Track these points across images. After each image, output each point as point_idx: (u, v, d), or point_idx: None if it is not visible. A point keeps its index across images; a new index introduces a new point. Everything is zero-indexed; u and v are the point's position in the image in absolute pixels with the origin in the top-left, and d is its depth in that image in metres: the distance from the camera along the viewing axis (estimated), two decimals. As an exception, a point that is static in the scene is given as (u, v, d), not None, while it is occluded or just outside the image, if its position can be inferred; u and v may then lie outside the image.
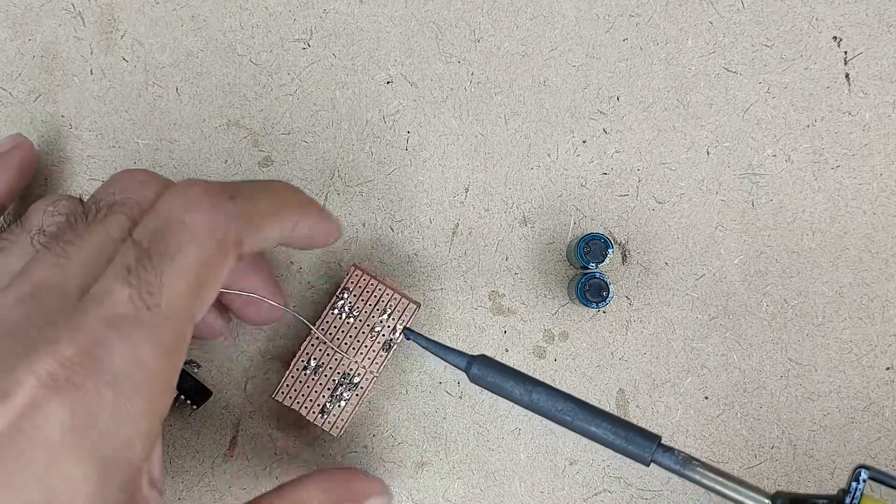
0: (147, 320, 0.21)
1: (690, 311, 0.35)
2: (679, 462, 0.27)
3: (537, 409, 0.28)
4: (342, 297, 0.33)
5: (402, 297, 0.33)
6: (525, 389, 0.28)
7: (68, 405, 0.20)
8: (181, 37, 0.36)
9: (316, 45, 0.36)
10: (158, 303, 0.22)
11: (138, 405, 0.21)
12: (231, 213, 0.24)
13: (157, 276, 0.22)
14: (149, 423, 0.22)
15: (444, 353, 0.30)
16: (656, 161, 0.36)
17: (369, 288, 0.33)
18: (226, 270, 0.24)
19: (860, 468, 0.26)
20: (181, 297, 0.22)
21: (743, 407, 0.35)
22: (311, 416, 0.32)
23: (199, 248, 0.23)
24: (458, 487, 0.35)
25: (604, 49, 0.36)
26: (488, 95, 0.36)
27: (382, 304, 0.33)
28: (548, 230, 0.36)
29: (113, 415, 0.21)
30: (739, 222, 0.36)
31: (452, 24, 0.36)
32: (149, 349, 0.21)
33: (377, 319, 0.33)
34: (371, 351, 0.33)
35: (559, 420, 0.28)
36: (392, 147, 0.36)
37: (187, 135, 0.36)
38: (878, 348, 0.35)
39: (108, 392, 0.20)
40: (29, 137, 0.34)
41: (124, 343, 0.21)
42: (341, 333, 0.33)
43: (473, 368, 0.29)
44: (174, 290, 0.22)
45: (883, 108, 0.36)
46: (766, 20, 0.36)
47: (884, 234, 0.36)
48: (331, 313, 0.33)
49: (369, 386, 0.33)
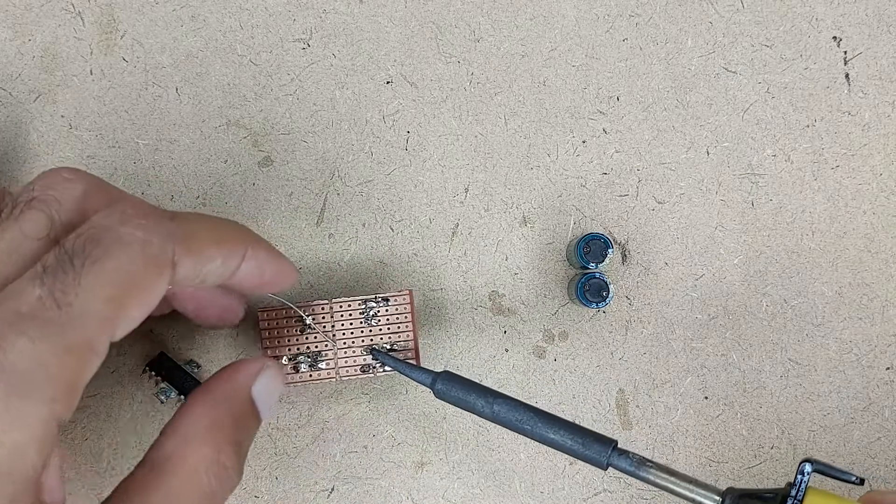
0: (54, 319, 0.20)
1: (690, 311, 0.35)
2: (634, 464, 0.28)
3: (499, 421, 0.29)
4: (377, 301, 0.33)
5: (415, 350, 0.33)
6: (486, 402, 0.29)
7: None
8: (181, 37, 0.36)
9: (316, 45, 0.36)
10: (70, 303, 0.20)
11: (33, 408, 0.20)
12: (169, 232, 0.23)
13: (74, 277, 0.21)
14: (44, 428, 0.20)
15: (409, 370, 0.31)
16: (656, 161, 0.36)
17: (402, 319, 0.33)
18: (156, 289, 0.22)
19: (805, 462, 0.27)
20: (97, 302, 0.21)
21: (743, 407, 0.35)
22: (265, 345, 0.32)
23: (127, 259, 0.22)
24: (458, 487, 0.35)
25: (604, 49, 0.36)
26: (488, 95, 0.36)
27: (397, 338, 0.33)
28: (548, 230, 0.36)
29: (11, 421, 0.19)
30: (739, 222, 0.36)
31: (452, 24, 0.36)
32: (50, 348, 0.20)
33: (381, 345, 0.33)
34: (352, 360, 0.33)
35: (520, 430, 0.29)
36: (392, 147, 0.36)
37: (187, 135, 0.36)
38: (878, 348, 0.35)
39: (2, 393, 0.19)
40: (29, 137, 0.34)
41: (22, 340, 0.20)
42: (347, 324, 0.33)
43: (437, 384, 0.30)
44: (91, 293, 0.21)
45: (883, 108, 0.36)
46: (765, 20, 0.36)
47: (884, 234, 0.36)
48: (357, 302, 0.33)
49: (323, 380, 0.32)
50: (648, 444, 0.35)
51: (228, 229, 0.26)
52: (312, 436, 0.35)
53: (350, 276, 0.35)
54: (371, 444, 0.35)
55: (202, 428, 0.25)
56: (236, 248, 0.26)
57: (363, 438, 0.35)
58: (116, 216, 0.22)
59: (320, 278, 0.35)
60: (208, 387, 0.26)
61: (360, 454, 0.35)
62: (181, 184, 0.35)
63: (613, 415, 0.35)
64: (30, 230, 0.22)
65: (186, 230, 0.23)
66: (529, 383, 0.35)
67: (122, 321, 0.22)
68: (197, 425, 0.25)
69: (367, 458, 0.35)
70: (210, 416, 0.25)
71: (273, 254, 0.27)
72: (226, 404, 0.26)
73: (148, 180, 0.35)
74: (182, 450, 0.24)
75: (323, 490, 0.35)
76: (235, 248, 0.26)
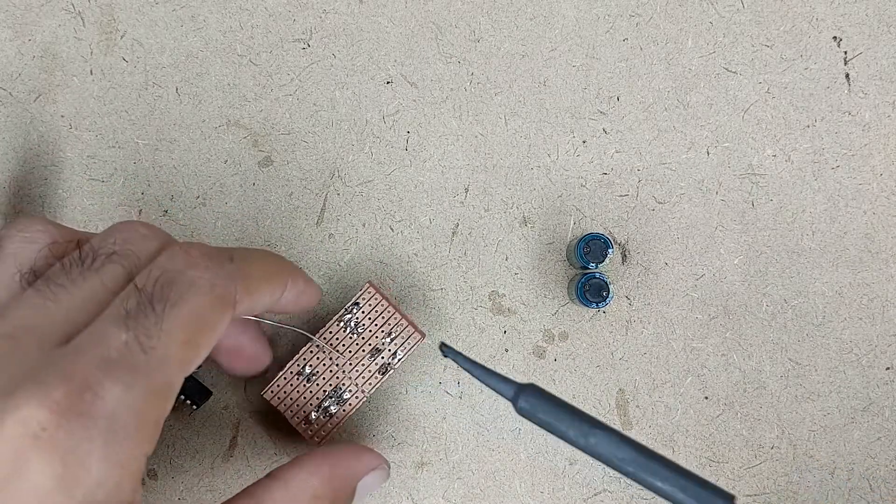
0: (141, 364, 0.21)
1: (690, 311, 0.35)
2: None
3: (594, 454, 0.25)
4: (351, 312, 0.33)
5: (410, 324, 0.33)
6: (581, 432, 0.25)
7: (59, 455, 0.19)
8: (181, 37, 0.36)
9: (316, 46, 0.36)
10: (154, 346, 0.21)
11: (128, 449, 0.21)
12: (231, 274, 0.24)
13: (156, 321, 0.22)
14: (137, 465, 0.21)
15: (487, 377, 0.26)
16: (656, 161, 0.36)
17: (379, 308, 0.33)
18: (222, 326, 0.24)
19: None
20: (177, 345, 0.22)
21: (743, 407, 0.35)
22: (295, 422, 0.32)
23: (200, 301, 0.23)
24: (458, 487, 0.35)
25: (604, 49, 0.36)
26: (488, 95, 0.36)
27: (388, 326, 0.33)
28: (548, 230, 0.36)
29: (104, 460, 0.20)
30: (739, 222, 0.36)
31: (452, 24, 0.36)
32: (140, 393, 0.21)
33: (380, 341, 0.33)
34: (367, 371, 0.33)
35: (620, 470, 0.25)
36: (392, 147, 0.36)
37: (187, 135, 0.36)
38: (878, 348, 0.35)
39: (99, 438, 0.20)
40: (29, 137, 0.34)
41: (116, 386, 0.20)
42: (342, 346, 0.33)
43: (521, 401, 0.26)
44: (171, 336, 0.22)
45: (883, 108, 0.36)
46: (766, 20, 0.36)
47: (884, 234, 0.36)
48: (336, 325, 0.33)
49: (357, 405, 0.33)
50: (648, 444, 0.35)
51: (275, 265, 0.28)
52: (312, 436, 0.35)
53: (350, 276, 0.35)
54: (371, 444, 0.35)
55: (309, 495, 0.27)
56: (282, 282, 0.28)
57: (363, 438, 0.35)
58: (182, 258, 0.24)
59: (320, 278, 0.35)
60: (327, 458, 0.29)
61: (360, 454, 0.35)
62: (181, 184, 0.35)
63: (613, 415, 0.35)
64: (109, 281, 0.24)
65: (244, 271, 0.25)
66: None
67: (193, 360, 0.23)
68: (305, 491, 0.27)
69: (367, 458, 0.35)
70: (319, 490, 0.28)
71: (306, 281, 0.29)
72: (334, 482, 0.28)
73: (148, 180, 0.35)
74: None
75: (323, 490, 0.35)
76: (281, 282, 0.28)
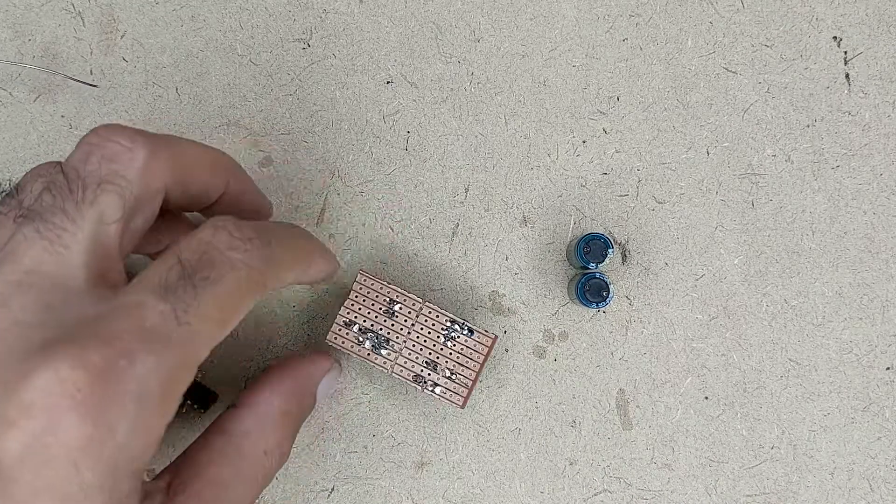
0: (174, 337, 0.22)
1: (690, 311, 0.35)
2: None
3: None
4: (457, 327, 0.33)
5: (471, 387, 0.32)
6: None
7: (91, 416, 0.20)
8: (181, 37, 0.36)
9: (316, 45, 0.36)
10: (189, 321, 0.22)
11: (153, 417, 0.21)
12: (267, 258, 0.25)
13: (194, 297, 0.22)
14: (158, 432, 0.22)
15: None
16: (656, 161, 0.36)
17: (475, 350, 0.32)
18: (250, 307, 0.25)
19: None
20: (210, 321, 0.22)
21: (743, 407, 0.35)
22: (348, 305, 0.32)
23: (237, 284, 0.23)
24: (458, 487, 0.35)
25: (604, 49, 0.36)
26: (488, 95, 0.36)
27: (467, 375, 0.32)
28: (548, 230, 0.36)
29: (131, 425, 0.21)
30: (739, 222, 0.36)
31: (452, 24, 0.36)
32: (170, 365, 0.21)
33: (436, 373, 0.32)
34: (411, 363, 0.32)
35: None
36: (392, 147, 0.36)
37: (187, 135, 0.36)
38: (878, 348, 0.35)
39: (129, 404, 0.20)
40: (29, 137, 0.34)
41: (152, 357, 0.21)
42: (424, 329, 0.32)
43: None
44: (206, 313, 0.22)
45: (883, 108, 0.36)
46: (766, 20, 0.36)
47: (884, 234, 0.36)
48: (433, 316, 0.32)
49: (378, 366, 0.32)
50: (648, 444, 0.35)
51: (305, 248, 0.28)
52: (312, 436, 0.35)
53: (350, 276, 0.35)
54: (371, 444, 0.35)
55: (277, 414, 0.28)
56: (309, 265, 0.28)
57: (363, 438, 0.35)
58: (225, 237, 0.24)
59: (320, 278, 0.35)
60: (284, 372, 0.30)
61: (360, 454, 0.35)
62: (181, 184, 0.35)
63: (613, 415, 0.35)
64: (109, 216, 0.24)
65: (280, 256, 0.25)
66: (529, 383, 0.35)
67: (221, 335, 0.23)
68: (273, 410, 0.28)
69: (367, 458, 0.35)
70: (284, 405, 0.29)
71: (329, 258, 0.29)
72: (297, 396, 0.29)
73: (148, 180, 0.35)
74: (258, 431, 0.28)
75: (323, 490, 0.35)
76: (309, 265, 0.28)
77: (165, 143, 0.25)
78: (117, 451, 0.20)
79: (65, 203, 0.23)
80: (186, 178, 0.26)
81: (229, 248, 0.24)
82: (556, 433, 0.35)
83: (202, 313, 0.22)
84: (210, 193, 0.28)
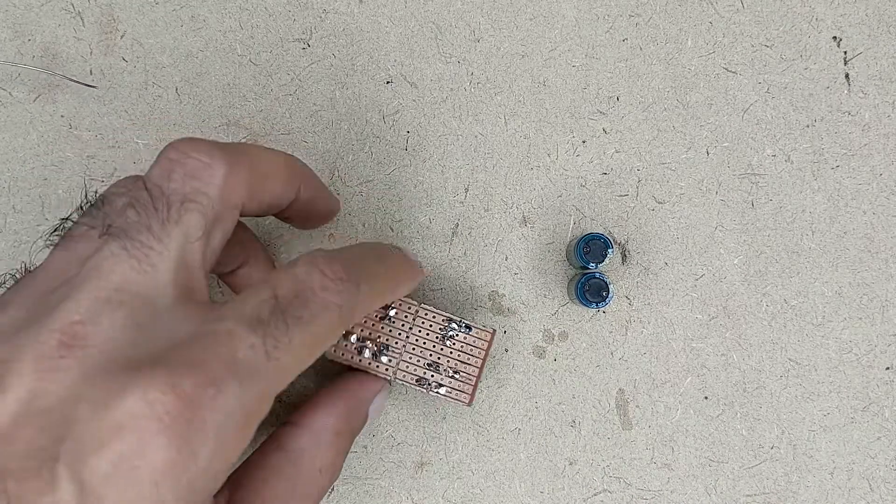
0: (262, 370, 0.22)
1: (690, 311, 0.35)
2: None
3: None
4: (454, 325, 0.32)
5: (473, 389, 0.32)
6: None
7: (176, 441, 0.20)
8: (181, 37, 0.36)
9: (316, 45, 0.36)
10: (279, 357, 0.22)
11: (232, 446, 0.22)
12: (358, 303, 0.25)
13: (286, 334, 0.23)
14: (236, 458, 0.22)
15: None
16: (656, 161, 0.36)
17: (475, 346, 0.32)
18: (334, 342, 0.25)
19: None
20: (297, 359, 0.23)
21: (743, 407, 0.35)
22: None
23: (326, 325, 0.24)
24: (458, 487, 0.35)
25: (604, 49, 0.36)
26: (488, 95, 0.36)
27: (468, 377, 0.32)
28: (548, 230, 0.36)
29: (213, 453, 0.21)
30: (739, 222, 0.36)
31: (452, 24, 0.36)
32: (254, 396, 0.22)
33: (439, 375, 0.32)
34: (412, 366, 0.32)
35: None
36: (392, 147, 0.36)
37: (187, 135, 0.35)
38: (877, 348, 0.35)
39: (212, 432, 0.21)
40: (28, 137, 0.34)
41: (239, 389, 0.21)
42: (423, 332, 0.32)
43: None
44: (295, 350, 0.23)
45: (883, 108, 0.36)
46: (765, 20, 0.36)
47: (884, 234, 0.36)
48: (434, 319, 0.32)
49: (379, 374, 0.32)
50: (648, 444, 0.35)
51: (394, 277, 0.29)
52: (312, 436, 0.35)
53: (350, 276, 0.35)
54: (371, 444, 0.35)
55: (332, 433, 0.29)
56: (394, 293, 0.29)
57: (363, 438, 0.35)
58: (318, 278, 0.24)
59: (320, 278, 0.35)
60: (337, 394, 0.30)
61: (360, 454, 0.35)
62: (181, 184, 0.35)
63: (613, 415, 0.35)
64: (193, 234, 0.24)
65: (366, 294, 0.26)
66: (529, 383, 0.35)
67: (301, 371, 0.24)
68: (328, 428, 0.29)
69: (367, 458, 0.35)
70: (338, 424, 0.29)
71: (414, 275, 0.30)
72: (350, 416, 0.30)
73: (148, 180, 0.35)
74: (314, 449, 0.28)
75: (323, 490, 0.35)
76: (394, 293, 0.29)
77: (243, 155, 0.26)
78: (196, 476, 0.21)
79: (150, 221, 0.23)
80: (261, 190, 0.27)
81: (322, 289, 0.24)
82: (555, 433, 0.35)
83: (292, 350, 0.23)
84: (282, 202, 0.28)
